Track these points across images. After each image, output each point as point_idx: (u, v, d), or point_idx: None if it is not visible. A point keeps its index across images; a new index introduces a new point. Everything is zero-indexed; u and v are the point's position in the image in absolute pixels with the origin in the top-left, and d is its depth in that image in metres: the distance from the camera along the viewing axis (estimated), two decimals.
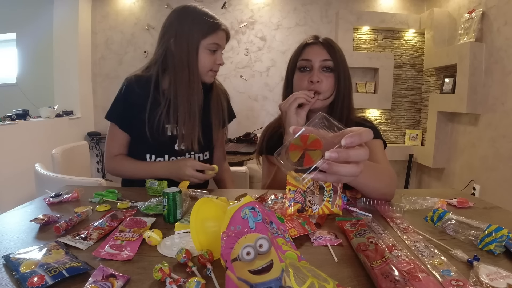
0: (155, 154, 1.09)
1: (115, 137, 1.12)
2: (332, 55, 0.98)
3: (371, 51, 3.51)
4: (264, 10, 3.54)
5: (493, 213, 0.82)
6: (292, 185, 0.74)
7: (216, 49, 1.06)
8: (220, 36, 1.05)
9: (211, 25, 1.02)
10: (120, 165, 1.11)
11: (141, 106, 1.05)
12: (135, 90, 1.05)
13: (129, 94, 1.06)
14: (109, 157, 1.12)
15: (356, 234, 0.62)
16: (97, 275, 0.47)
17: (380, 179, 0.81)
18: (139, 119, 1.05)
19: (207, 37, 1.03)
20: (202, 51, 1.03)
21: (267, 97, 3.65)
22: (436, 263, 0.54)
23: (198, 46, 1.02)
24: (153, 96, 1.05)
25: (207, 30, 1.02)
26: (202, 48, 1.03)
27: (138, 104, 1.05)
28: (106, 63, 3.58)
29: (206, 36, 1.02)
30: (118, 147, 1.12)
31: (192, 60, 1.03)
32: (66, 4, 3.25)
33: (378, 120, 3.63)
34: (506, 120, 2.47)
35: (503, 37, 2.50)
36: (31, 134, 2.67)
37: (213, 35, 1.03)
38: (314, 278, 0.42)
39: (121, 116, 1.09)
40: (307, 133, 0.54)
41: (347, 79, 1.01)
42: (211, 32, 1.03)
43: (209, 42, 1.03)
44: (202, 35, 1.02)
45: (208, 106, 1.15)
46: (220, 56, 1.07)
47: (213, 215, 0.57)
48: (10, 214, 0.77)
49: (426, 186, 3.57)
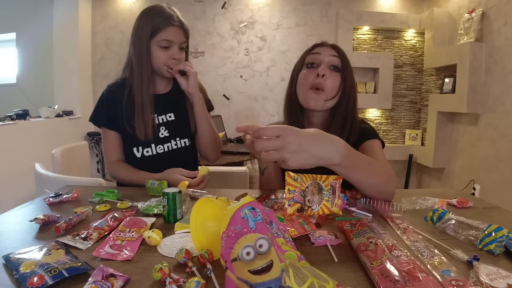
0: (142, 146, 1.14)
1: (107, 140, 1.17)
2: (341, 55, 1.01)
3: (371, 51, 3.51)
4: (264, 10, 3.54)
5: (493, 213, 0.82)
6: (291, 185, 0.74)
7: (168, 46, 1.09)
8: (171, 32, 1.08)
9: (159, 23, 1.07)
10: (117, 172, 1.16)
11: (120, 105, 1.12)
12: (113, 92, 1.15)
13: (109, 96, 1.15)
14: (109, 163, 1.18)
15: (356, 234, 0.62)
16: (97, 275, 0.47)
17: (377, 175, 0.81)
18: (120, 117, 1.12)
19: (157, 34, 1.07)
20: (155, 48, 1.09)
21: (267, 97, 3.65)
22: (436, 263, 0.54)
23: (148, 44, 1.08)
24: (128, 94, 1.13)
25: (156, 28, 1.07)
26: (153, 45, 1.09)
27: (118, 104, 1.12)
28: (106, 63, 3.58)
29: (155, 34, 1.07)
30: (114, 151, 1.17)
31: (144, 57, 1.09)
32: (66, 4, 3.24)
33: (378, 120, 3.63)
34: (506, 120, 2.47)
35: (503, 37, 2.50)
36: (31, 134, 2.67)
37: (162, 32, 1.07)
38: (314, 278, 0.42)
39: (106, 117, 1.15)
40: None
41: (352, 82, 1.02)
42: (159, 29, 1.07)
43: (158, 40, 1.08)
44: (151, 34, 1.07)
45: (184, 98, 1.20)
46: (175, 51, 1.10)
47: (213, 215, 0.57)
48: (10, 214, 0.77)
49: (426, 186, 3.57)
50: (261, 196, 0.87)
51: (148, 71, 1.11)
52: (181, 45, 1.12)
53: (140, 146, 1.14)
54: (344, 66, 1.01)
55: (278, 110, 3.67)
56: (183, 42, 1.12)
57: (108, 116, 1.14)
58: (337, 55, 1.00)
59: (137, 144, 1.14)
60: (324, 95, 0.98)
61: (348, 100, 1.01)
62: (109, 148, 1.17)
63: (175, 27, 1.09)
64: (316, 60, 1.01)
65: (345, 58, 1.02)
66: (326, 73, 0.97)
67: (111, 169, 1.17)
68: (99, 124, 1.16)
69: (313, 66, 1.01)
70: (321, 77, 0.97)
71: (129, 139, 1.14)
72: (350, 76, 1.02)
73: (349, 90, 1.01)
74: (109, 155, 1.17)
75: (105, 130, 1.16)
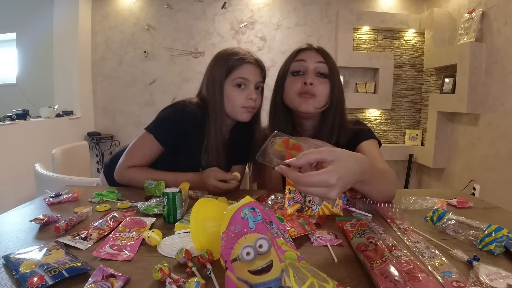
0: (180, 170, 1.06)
1: (146, 149, 1.03)
2: (327, 60, 0.98)
3: (371, 51, 3.50)
4: (264, 10, 3.54)
5: (493, 213, 0.82)
6: (291, 185, 0.74)
7: (242, 83, 1.01)
8: (246, 70, 1.01)
9: (233, 62, 1.01)
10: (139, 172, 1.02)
11: (189, 135, 1.04)
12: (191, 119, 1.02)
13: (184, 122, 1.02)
14: (127, 165, 1.03)
15: (356, 234, 0.62)
16: (97, 275, 0.47)
17: (388, 184, 0.83)
18: (181, 146, 1.04)
19: (231, 73, 1.01)
20: (230, 89, 1.01)
21: (267, 97, 3.63)
22: (437, 264, 0.54)
23: (222, 85, 1.01)
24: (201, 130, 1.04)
25: (230, 67, 1.01)
26: (228, 86, 1.02)
27: (188, 132, 1.03)
28: (106, 63, 3.58)
29: (229, 73, 1.01)
30: (143, 159, 1.03)
31: (217, 100, 1.02)
32: (66, 4, 3.24)
33: (378, 120, 3.63)
34: (506, 120, 2.47)
35: (503, 37, 2.50)
36: (31, 134, 2.67)
37: (237, 70, 1.01)
38: (314, 278, 0.42)
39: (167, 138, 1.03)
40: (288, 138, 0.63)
41: (340, 86, 1.01)
42: (233, 68, 1.01)
43: (233, 78, 1.01)
44: (225, 74, 1.01)
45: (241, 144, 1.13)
46: (251, 90, 1.02)
47: (213, 215, 0.57)
48: (10, 214, 0.77)
49: (426, 186, 3.57)
50: (261, 196, 0.87)
51: (221, 115, 1.03)
52: (258, 84, 1.04)
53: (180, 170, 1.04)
54: (331, 71, 0.98)
55: None
56: (259, 82, 1.05)
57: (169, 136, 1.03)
58: (324, 61, 0.97)
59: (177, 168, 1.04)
60: (316, 102, 0.97)
61: (336, 105, 1.00)
62: (140, 155, 1.03)
63: (250, 64, 1.02)
64: (302, 68, 0.98)
65: (331, 62, 0.99)
66: (313, 81, 0.96)
67: (128, 171, 1.02)
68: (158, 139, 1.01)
69: (299, 74, 0.99)
70: (309, 85, 0.96)
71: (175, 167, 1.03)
72: (337, 81, 1.00)
73: (338, 95, 1.00)
74: (134, 158, 1.03)
75: (152, 140, 1.01)
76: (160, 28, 3.51)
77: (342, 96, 1.03)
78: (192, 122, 1.02)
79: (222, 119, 1.03)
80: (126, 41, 3.54)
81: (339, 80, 1.01)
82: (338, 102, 1.01)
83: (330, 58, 0.99)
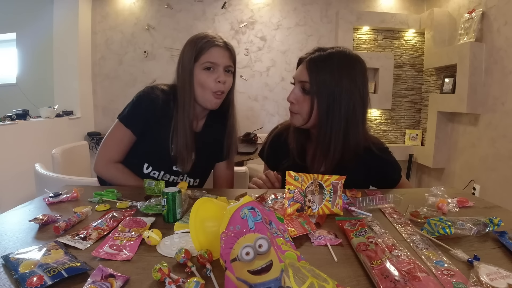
0: (153, 167, 1.08)
1: (118, 140, 1.06)
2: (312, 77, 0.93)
3: (371, 51, 3.50)
4: (264, 10, 3.54)
5: (493, 213, 0.82)
6: (291, 185, 0.74)
7: (211, 67, 1.01)
8: (214, 53, 1.00)
9: (201, 45, 1.00)
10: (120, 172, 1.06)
11: (158, 120, 1.04)
12: (159, 104, 1.03)
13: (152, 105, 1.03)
14: (105, 161, 1.06)
15: (356, 233, 0.62)
16: (96, 275, 0.47)
17: None
18: (152, 131, 1.05)
19: (200, 57, 1.00)
20: (199, 72, 1.01)
21: (267, 97, 3.65)
22: (431, 255, 0.56)
23: (191, 68, 1.01)
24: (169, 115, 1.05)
25: (198, 51, 1.00)
26: (197, 69, 1.01)
27: (157, 117, 1.04)
28: (106, 63, 3.58)
29: (198, 57, 1.01)
30: (118, 152, 1.07)
31: (186, 83, 1.02)
32: (66, 4, 3.25)
33: (378, 120, 3.63)
34: (506, 120, 2.47)
35: (503, 37, 2.50)
36: (31, 134, 2.67)
37: (205, 54, 1.00)
38: (314, 278, 0.42)
39: (137, 122, 1.05)
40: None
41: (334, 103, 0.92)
42: (202, 51, 1.00)
43: (202, 62, 1.00)
44: (194, 57, 1.01)
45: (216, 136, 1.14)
46: (220, 73, 1.01)
47: (212, 215, 0.57)
48: (9, 214, 0.77)
49: (426, 186, 3.57)
50: (261, 196, 0.87)
51: (190, 99, 1.02)
52: (227, 68, 1.04)
53: (151, 166, 1.08)
54: (316, 89, 0.92)
55: (278, 110, 3.67)
56: (228, 66, 1.03)
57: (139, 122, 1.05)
58: (307, 81, 0.93)
59: (151, 162, 1.07)
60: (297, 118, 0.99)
61: (331, 122, 0.93)
62: (115, 146, 1.06)
63: (218, 47, 1.01)
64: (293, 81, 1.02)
65: (316, 79, 0.92)
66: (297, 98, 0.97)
67: (108, 169, 1.06)
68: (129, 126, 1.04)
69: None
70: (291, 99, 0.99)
71: (147, 153, 1.06)
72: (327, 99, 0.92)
73: (329, 112, 0.93)
74: (109, 152, 1.06)
75: (123, 129, 1.04)
76: (160, 28, 3.52)
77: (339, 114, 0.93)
78: (160, 107, 1.03)
79: (191, 103, 1.03)
80: (126, 41, 3.54)
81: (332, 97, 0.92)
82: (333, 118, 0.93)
83: (316, 75, 0.92)
